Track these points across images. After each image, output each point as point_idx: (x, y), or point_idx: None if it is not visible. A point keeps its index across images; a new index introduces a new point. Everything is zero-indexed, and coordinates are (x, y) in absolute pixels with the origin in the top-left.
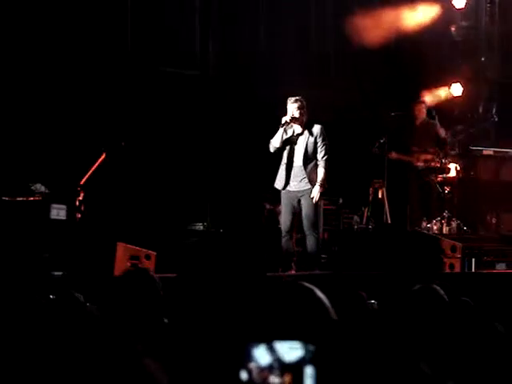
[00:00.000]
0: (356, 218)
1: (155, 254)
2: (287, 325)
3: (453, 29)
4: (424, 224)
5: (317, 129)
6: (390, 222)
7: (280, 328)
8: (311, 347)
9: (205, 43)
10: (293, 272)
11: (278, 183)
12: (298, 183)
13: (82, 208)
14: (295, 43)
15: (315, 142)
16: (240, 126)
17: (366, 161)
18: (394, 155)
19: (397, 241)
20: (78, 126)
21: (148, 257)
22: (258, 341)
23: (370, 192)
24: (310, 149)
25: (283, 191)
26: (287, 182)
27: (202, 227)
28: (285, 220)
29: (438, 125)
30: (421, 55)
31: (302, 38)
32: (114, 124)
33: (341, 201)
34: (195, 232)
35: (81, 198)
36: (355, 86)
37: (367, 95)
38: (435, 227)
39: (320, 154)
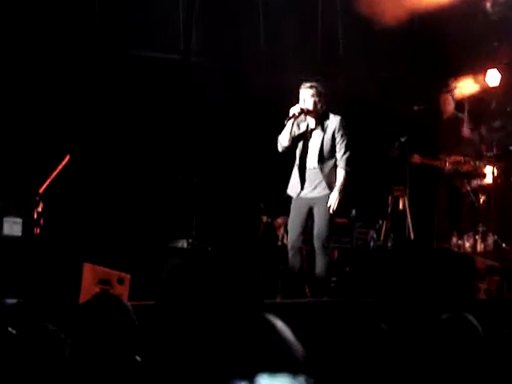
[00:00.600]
0: (372, 233)
1: (129, 277)
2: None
3: (488, 4)
4: (454, 240)
5: (335, 121)
6: (413, 237)
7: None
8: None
9: (188, 25)
10: (304, 299)
11: (292, 189)
12: (313, 189)
13: (41, 222)
14: (298, 24)
15: (333, 138)
16: (231, 121)
17: (383, 164)
18: (417, 158)
19: (421, 260)
20: (36, 123)
21: (121, 280)
22: (240, 377)
23: (389, 202)
24: (327, 146)
25: (294, 198)
26: (302, 188)
27: (185, 244)
28: (293, 232)
29: (466, 120)
30: (448, 36)
31: (306, 16)
32: (79, 120)
33: (354, 212)
34: (177, 250)
35: (39, 210)
36: (369, 74)
37: (384, 86)
38: (468, 244)
39: (340, 152)
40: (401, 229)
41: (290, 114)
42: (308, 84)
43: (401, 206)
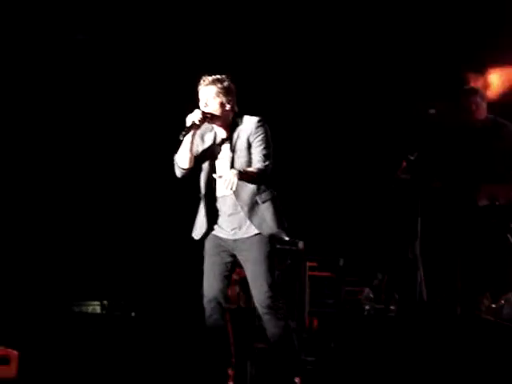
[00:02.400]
0: (368, 292)
1: (18, 354)
2: None
3: None
4: (486, 303)
5: (251, 123)
6: (426, 298)
7: None
8: None
9: None
10: None
11: (197, 229)
12: (232, 229)
13: None
14: None
15: (248, 144)
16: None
17: (386, 191)
18: (437, 184)
19: (440, 333)
20: None
21: (5, 361)
22: None
23: (393, 246)
24: (243, 159)
25: (207, 238)
26: (210, 225)
27: (97, 309)
28: (209, 284)
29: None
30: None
31: None
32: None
33: (342, 262)
34: (86, 316)
35: None
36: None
37: (388, 79)
38: (508, 309)
39: (257, 157)
40: (409, 286)
41: (188, 124)
42: (209, 79)
43: (409, 253)
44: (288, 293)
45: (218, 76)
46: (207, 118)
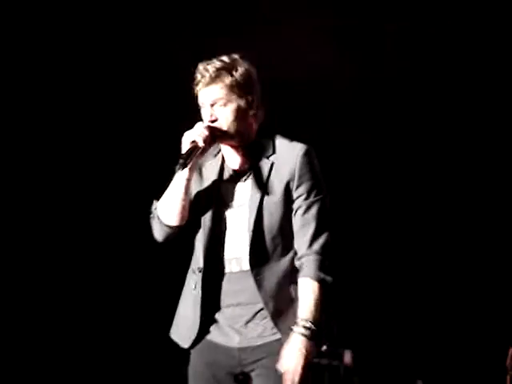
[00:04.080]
0: None
1: None
2: None
3: None
4: None
5: (293, 154)
6: None
7: None
8: None
9: None
10: None
11: (181, 330)
12: (240, 326)
13: None
14: None
15: (286, 198)
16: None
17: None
18: None
19: None
20: None
21: None
22: None
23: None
24: (274, 219)
25: (196, 348)
26: (206, 323)
27: None
28: None
29: None
30: None
31: None
32: None
33: (348, 358)
34: None
35: None
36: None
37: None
38: None
39: (303, 233)
40: None
41: (185, 148)
42: (212, 71)
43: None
44: None
45: (225, 60)
46: (217, 136)
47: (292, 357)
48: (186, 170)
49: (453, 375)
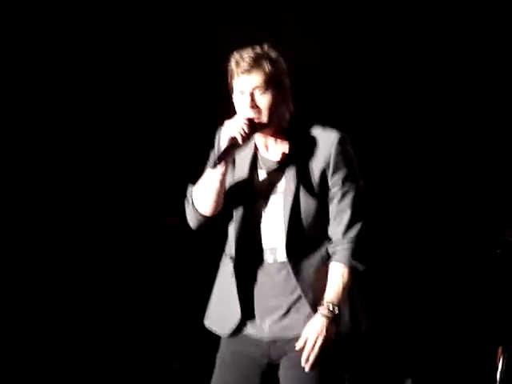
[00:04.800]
0: None
1: None
2: None
3: None
4: None
5: (328, 142)
6: None
7: None
8: None
9: None
10: None
11: (220, 319)
12: (279, 316)
13: None
14: None
15: (322, 182)
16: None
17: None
18: None
19: None
20: None
21: None
22: None
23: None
24: (310, 208)
25: (229, 339)
26: (244, 314)
27: None
28: None
29: None
30: None
31: None
32: None
33: None
34: None
35: None
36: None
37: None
38: None
39: (339, 221)
40: None
41: (225, 143)
42: (252, 58)
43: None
44: None
45: (260, 49)
46: (257, 129)
47: (312, 335)
48: (218, 167)
49: (442, 374)
